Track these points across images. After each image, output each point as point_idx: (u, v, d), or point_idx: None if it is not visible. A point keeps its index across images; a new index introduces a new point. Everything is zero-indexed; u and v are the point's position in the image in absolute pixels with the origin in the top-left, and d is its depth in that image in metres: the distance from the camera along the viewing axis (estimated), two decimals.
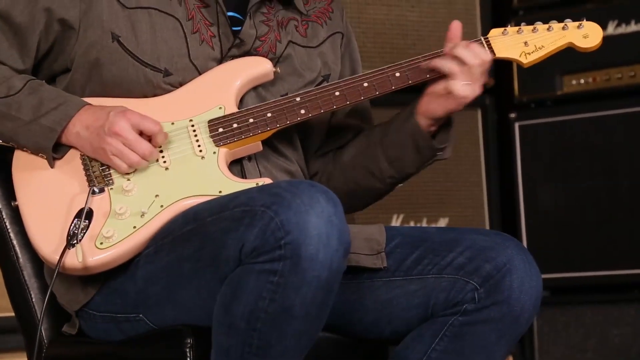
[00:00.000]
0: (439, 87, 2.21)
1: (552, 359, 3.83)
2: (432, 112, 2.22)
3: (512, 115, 3.92)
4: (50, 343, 2.25)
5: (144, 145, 2.12)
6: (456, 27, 2.25)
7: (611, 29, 3.75)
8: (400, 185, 2.33)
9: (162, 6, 2.21)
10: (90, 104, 2.16)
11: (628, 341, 3.71)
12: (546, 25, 2.27)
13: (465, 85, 2.18)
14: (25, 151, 2.18)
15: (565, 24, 2.27)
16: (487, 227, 3.93)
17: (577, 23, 2.27)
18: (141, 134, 2.13)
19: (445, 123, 2.26)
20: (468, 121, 3.92)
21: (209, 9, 2.23)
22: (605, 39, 2.30)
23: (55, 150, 2.16)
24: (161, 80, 2.19)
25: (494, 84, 3.96)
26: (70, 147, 2.16)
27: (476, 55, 2.20)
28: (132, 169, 2.13)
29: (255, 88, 2.24)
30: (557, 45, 2.27)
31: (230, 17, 2.24)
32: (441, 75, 2.22)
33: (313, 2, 2.35)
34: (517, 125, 3.91)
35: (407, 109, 2.27)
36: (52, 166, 2.16)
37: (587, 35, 2.27)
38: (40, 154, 2.17)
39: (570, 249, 3.80)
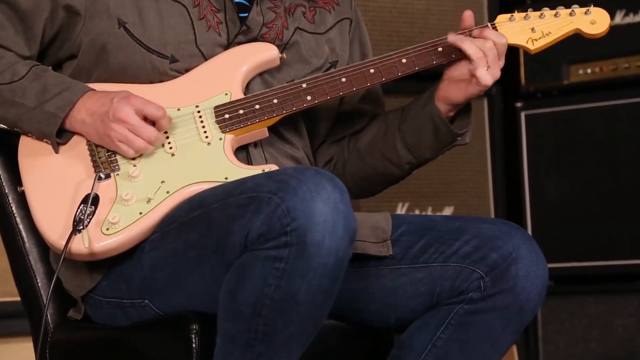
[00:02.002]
0: (460, 71, 2.20)
1: (556, 349, 3.83)
2: (452, 97, 2.22)
3: (518, 104, 3.91)
4: (56, 328, 2.25)
5: (148, 130, 2.12)
6: (468, 17, 2.24)
7: (619, 18, 3.74)
8: (416, 170, 2.33)
9: None
10: (94, 90, 2.16)
11: (632, 331, 3.71)
12: (553, 11, 2.26)
13: (486, 71, 2.18)
14: (30, 137, 2.18)
15: (573, 10, 2.26)
16: (492, 216, 3.93)
17: (584, 9, 2.26)
18: (145, 119, 2.13)
19: (463, 108, 2.26)
20: (474, 110, 3.89)
21: None
22: (613, 28, 2.29)
23: (60, 136, 2.16)
24: (167, 66, 2.19)
25: (500, 73, 3.95)
26: (75, 133, 2.16)
27: (487, 39, 2.19)
28: (138, 154, 2.13)
29: (261, 74, 2.23)
30: (564, 32, 2.26)
31: (237, 3, 2.23)
32: (450, 60, 2.22)
33: None
34: (523, 114, 3.90)
35: (425, 94, 2.26)
36: (56, 152, 2.16)
37: (594, 21, 2.25)
38: (44, 140, 2.17)
39: (574, 238, 3.80)
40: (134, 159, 2.14)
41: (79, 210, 2.09)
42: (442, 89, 2.23)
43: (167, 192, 2.11)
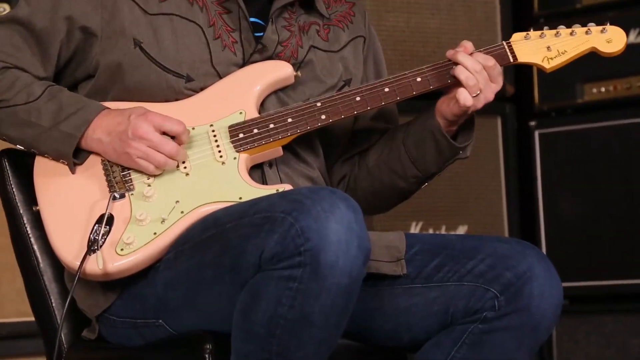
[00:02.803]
0: (453, 91, 2.21)
1: None
2: (442, 113, 2.24)
3: (532, 123, 3.91)
4: (70, 348, 2.25)
5: (170, 145, 2.12)
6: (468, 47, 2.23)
7: (633, 37, 3.73)
8: (425, 184, 2.33)
9: (183, 12, 2.21)
10: (109, 108, 2.17)
11: None
12: (569, 30, 2.26)
13: (470, 96, 2.18)
14: (47, 157, 2.19)
15: (589, 29, 2.26)
16: (506, 234, 3.92)
17: (600, 27, 2.25)
18: (164, 135, 2.13)
19: (466, 123, 2.26)
20: (488, 129, 3.91)
21: (231, 14, 2.23)
22: (627, 47, 2.28)
23: (76, 156, 2.16)
24: (183, 86, 2.19)
25: (514, 92, 3.95)
26: (91, 152, 2.17)
27: (476, 62, 2.18)
28: (160, 171, 2.13)
29: (276, 92, 2.24)
30: (580, 50, 2.25)
31: (252, 22, 2.24)
32: None
33: (335, 6, 2.35)
34: (537, 133, 3.90)
35: (429, 109, 2.27)
36: (73, 172, 2.16)
37: (610, 39, 2.25)
38: (61, 160, 2.17)
39: (590, 257, 3.78)
40: (148, 178, 2.14)
41: (93, 231, 2.09)
42: (439, 103, 2.24)
43: (182, 212, 2.11)
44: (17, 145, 2.21)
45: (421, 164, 2.28)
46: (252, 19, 2.25)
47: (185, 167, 2.16)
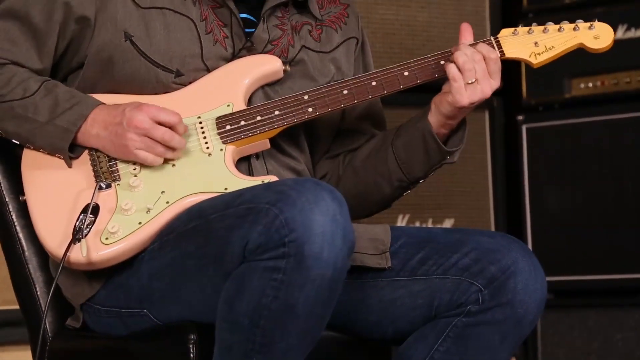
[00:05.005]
0: (446, 86, 2.21)
1: None
2: (440, 107, 2.22)
3: (520, 117, 3.92)
4: (54, 336, 2.25)
5: (165, 133, 2.11)
6: (465, 29, 2.24)
7: (620, 33, 3.75)
8: (407, 192, 2.32)
9: (176, 7, 2.20)
10: (104, 103, 2.17)
11: (632, 345, 3.71)
12: (557, 26, 2.27)
13: (463, 89, 2.17)
14: (42, 152, 2.18)
15: (577, 25, 2.26)
16: (493, 229, 3.93)
17: (588, 24, 2.26)
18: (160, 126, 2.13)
19: (458, 129, 2.26)
20: (475, 123, 3.92)
21: (222, 9, 2.23)
22: (615, 42, 2.29)
23: (72, 151, 2.16)
24: (172, 80, 2.19)
25: (502, 86, 3.96)
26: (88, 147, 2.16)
27: (476, 52, 2.17)
28: (160, 161, 2.12)
29: (263, 88, 2.24)
30: (567, 46, 2.26)
31: (244, 19, 2.24)
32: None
33: (328, 7, 2.34)
34: (524, 127, 3.91)
35: (422, 111, 2.27)
36: (69, 166, 2.16)
37: (598, 36, 2.26)
38: (57, 155, 2.17)
39: (575, 252, 3.80)
40: (135, 169, 2.14)
41: (78, 220, 2.10)
42: (437, 98, 2.23)
43: (167, 202, 2.12)
44: (13, 140, 2.21)
45: (407, 167, 2.27)
46: (244, 15, 2.24)
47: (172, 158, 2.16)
